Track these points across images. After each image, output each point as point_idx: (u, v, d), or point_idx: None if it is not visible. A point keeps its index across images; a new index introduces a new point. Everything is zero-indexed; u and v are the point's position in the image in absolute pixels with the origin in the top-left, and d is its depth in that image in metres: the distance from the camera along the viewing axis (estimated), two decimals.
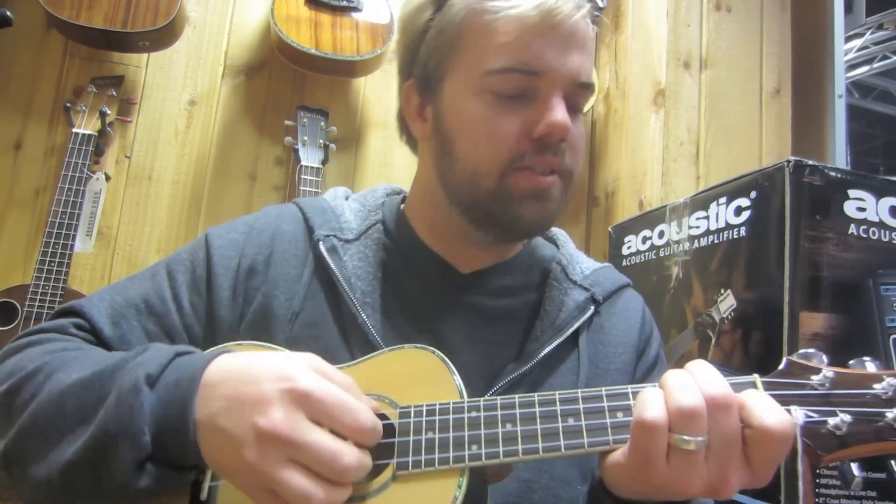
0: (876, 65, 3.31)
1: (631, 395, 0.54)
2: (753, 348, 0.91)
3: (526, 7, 0.64)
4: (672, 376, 0.52)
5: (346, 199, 0.81)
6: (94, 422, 0.51)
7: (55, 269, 1.47)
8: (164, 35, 1.67)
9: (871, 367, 0.52)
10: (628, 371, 0.74)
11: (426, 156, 0.75)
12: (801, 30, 1.93)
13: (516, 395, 0.56)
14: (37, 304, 1.44)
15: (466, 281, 0.74)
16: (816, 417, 0.50)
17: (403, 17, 0.74)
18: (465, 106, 0.67)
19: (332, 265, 0.70)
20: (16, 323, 1.44)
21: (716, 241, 1.02)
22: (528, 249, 0.80)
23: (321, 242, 0.72)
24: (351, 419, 0.50)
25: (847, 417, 0.50)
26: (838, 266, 0.86)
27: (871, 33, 3.10)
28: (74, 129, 1.57)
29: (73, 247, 1.50)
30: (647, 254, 1.22)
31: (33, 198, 1.70)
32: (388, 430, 0.55)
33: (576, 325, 0.71)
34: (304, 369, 0.51)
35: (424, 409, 0.56)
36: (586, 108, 0.79)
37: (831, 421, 0.50)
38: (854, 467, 0.51)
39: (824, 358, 0.53)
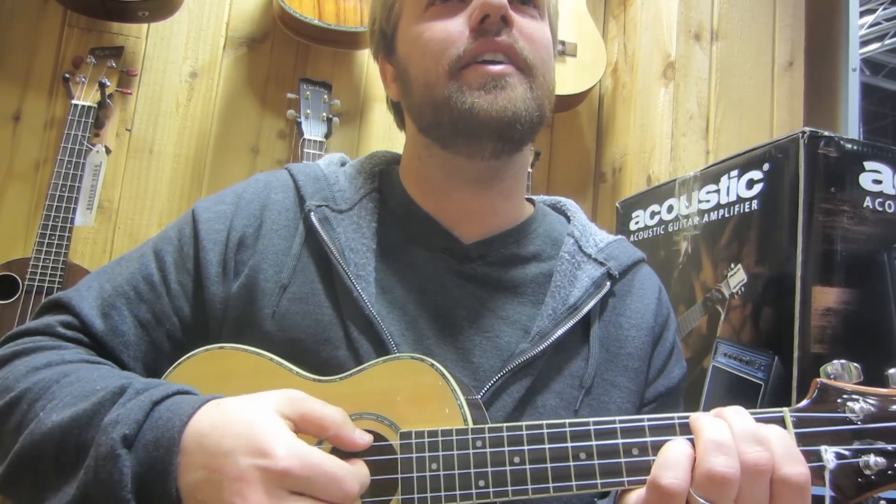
0: (888, 41, 3.25)
1: (647, 430, 0.51)
2: (764, 324, 0.89)
3: None
4: (707, 431, 0.48)
5: (342, 165, 0.78)
6: (76, 477, 0.49)
7: (55, 242, 1.45)
8: (164, 5, 1.64)
9: None
10: (642, 356, 0.71)
11: (405, 113, 0.75)
12: (814, 2, 1.89)
13: (523, 425, 0.53)
14: (38, 277, 1.44)
15: (470, 251, 0.70)
16: (848, 458, 0.47)
17: (371, 9, 0.77)
18: (412, 32, 0.68)
19: (325, 236, 0.67)
20: (17, 296, 1.44)
21: (726, 215, 0.99)
22: (536, 218, 0.76)
23: (312, 213, 0.68)
24: (337, 489, 0.47)
25: (881, 460, 0.46)
26: (853, 240, 0.84)
27: (884, 9, 3.05)
28: (74, 101, 1.55)
29: (74, 220, 1.48)
30: (655, 229, 1.20)
31: (33, 170, 1.69)
32: (392, 463, 0.53)
33: (591, 304, 0.68)
34: (280, 433, 0.48)
35: (427, 440, 0.53)
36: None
37: (863, 459, 0.47)
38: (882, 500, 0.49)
39: (859, 371, 0.50)
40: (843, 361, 0.51)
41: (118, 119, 1.72)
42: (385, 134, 1.94)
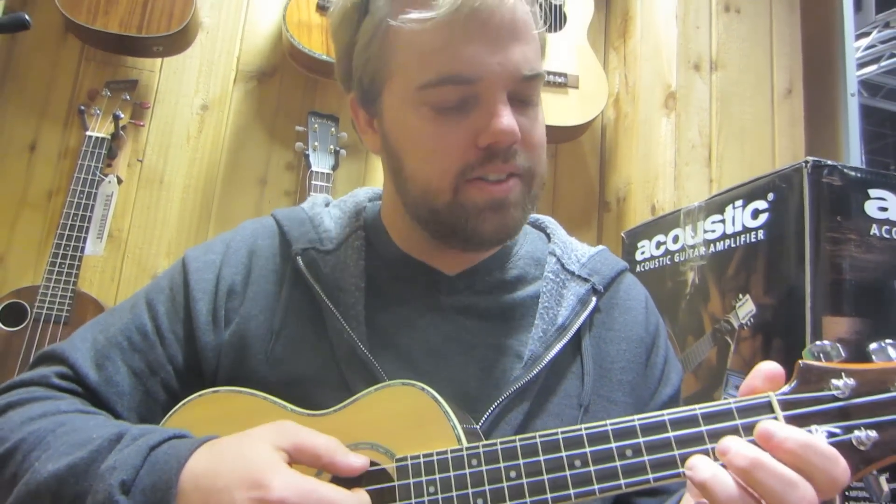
0: (883, 63, 3.30)
1: (639, 430, 0.50)
2: (775, 355, 0.89)
3: (446, 11, 0.58)
4: (737, 454, 0.46)
5: (326, 205, 0.78)
6: None
7: (65, 270, 1.47)
8: (177, 40, 1.68)
9: (893, 352, 0.49)
10: (636, 369, 0.71)
11: (384, 168, 0.72)
12: (810, 29, 1.93)
13: (517, 438, 0.52)
14: (46, 305, 1.45)
15: (456, 282, 0.70)
16: (840, 435, 0.47)
17: (332, 24, 0.69)
18: (407, 121, 0.63)
19: (312, 280, 0.67)
20: (24, 324, 1.45)
21: (733, 245, 1.01)
22: (517, 239, 0.75)
23: (299, 257, 0.68)
24: None
25: (872, 433, 0.47)
26: (861, 268, 0.85)
27: (878, 31, 3.10)
28: (88, 132, 1.58)
29: (84, 249, 1.50)
30: (661, 259, 1.21)
31: (46, 199, 1.71)
32: (390, 490, 0.53)
33: (580, 322, 0.68)
34: (275, 465, 0.48)
35: (422, 462, 0.53)
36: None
37: (855, 435, 0.47)
38: (882, 480, 0.48)
39: (841, 351, 0.50)
40: (825, 342, 0.51)
41: (130, 150, 1.75)
42: None
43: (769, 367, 0.51)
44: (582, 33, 1.98)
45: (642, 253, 1.28)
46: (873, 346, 0.50)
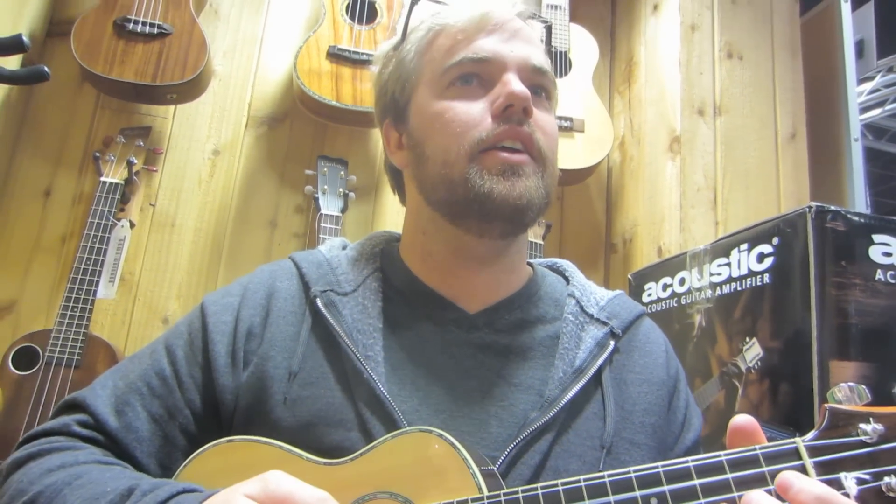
0: (888, 107, 3.34)
1: (664, 478, 0.49)
2: (782, 399, 0.89)
3: (466, 16, 0.71)
4: None
5: (343, 248, 0.80)
6: None
7: (77, 314, 1.48)
8: (191, 88, 1.73)
9: None
10: (658, 412, 0.70)
11: (409, 182, 0.76)
12: (813, 75, 1.96)
13: (538, 486, 0.51)
14: (58, 349, 1.46)
15: (476, 320, 0.71)
16: (870, 482, 0.46)
17: (376, 66, 0.80)
18: (431, 108, 0.71)
19: (332, 320, 0.68)
20: (36, 368, 1.45)
21: (739, 289, 1.01)
22: (536, 279, 0.77)
23: (318, 299, 0.70)
24: None
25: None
26: (867, 313, 0.85)
27: (882, 76, 3.14)
28: (102, 178, 1.61)
29: (97, 292, 1.52)
30: (668, 301, 1.21)
31: (59, 244, 1.74)
32: None
33: (597, 365, 0.68)
34: None
35: None
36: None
37: (885, 482, 0.46)
38: None
39: (867, 392, 0.49)
40: (850, 384, 0.50)
41: (143, 194, 1.78)
42: (399, 209, 1.95)
43: (742, 424, 0.52)
44: (587, 78, 2.02)
45: (649, 295, 1.29)
46: None
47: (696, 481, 0.49)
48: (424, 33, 0.74)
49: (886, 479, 0.46)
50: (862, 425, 0.48)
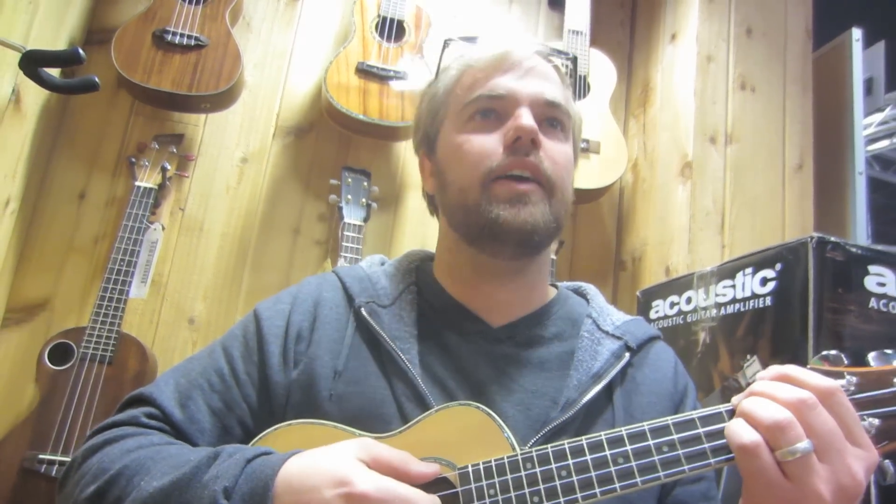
0: None
1: (672, 428, 0.58)
2: None
3: (487, 56, 0.79)
4: (748, 400, 0.56)
5: (382, 264, 0.89)
6: None
7: (111, 312, 1.56)
8: (224, 98, 1.80)
9: (891, 359, 0.57)
10: None
11: (439, 206, 0.84)
12: (822, 109, 2.02)
13: (565, 442, 0.59)
14: (92, 345, 1.53)
15: (499, 333, 0.78)
16: None
17: (417, 104, 0.88)
18: (453, 140, 0.79)
19: (375, 325, 0.76)
20: (71, 363, 1.52)
21: (742, 309, 1.07)
22: (558, 301, 0.84)
23: (363, 308, 0.78)
24: None
25: (875, 421, 0.54)
26: (860, 337, 0.91)
27: (891, 109, 3.21)
28: (137, 183, 1.69)
29: (129, 292, 1.59)
30: (674, 318, 1.27)
31: (92, 245, 1.81)
32: (454, 497, 0.59)
33: (613, 373, 0.74)
34: (359, 468, 0.56)
35: (482, 468, 0.60)
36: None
37: (867, 423, 0.54)
38: (888, 463, 0.55)
39: (844, 358, 0.57)
40: (830, 351, 0.59)
41: (173, 199, 1.86)
42: (419, 219, 2.07)
43: None
44: (605, 102, 2.09)
45: (656, 311, 1.35)
46: (872, 354, 0.58)
47: (701, 429, 0.58)
48: (452, 72, 0.83)
49: (869, 420, 0.54)
50: (839, 380, 0.56)
